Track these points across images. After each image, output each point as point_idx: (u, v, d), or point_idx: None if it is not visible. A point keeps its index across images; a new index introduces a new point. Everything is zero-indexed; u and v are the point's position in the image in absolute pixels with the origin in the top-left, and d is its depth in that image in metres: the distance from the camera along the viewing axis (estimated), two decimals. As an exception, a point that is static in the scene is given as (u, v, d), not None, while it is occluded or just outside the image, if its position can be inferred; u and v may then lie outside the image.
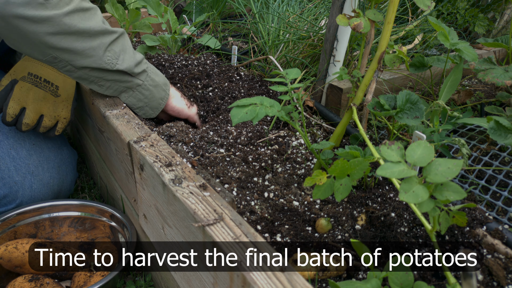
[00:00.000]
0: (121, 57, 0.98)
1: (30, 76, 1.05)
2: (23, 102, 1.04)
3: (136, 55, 1.02)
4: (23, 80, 1.05)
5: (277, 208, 0.86)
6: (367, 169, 0.71)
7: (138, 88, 1.04)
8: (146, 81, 1.05)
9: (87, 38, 0.91)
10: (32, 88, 1.05)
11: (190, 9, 2.29)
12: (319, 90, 1.34)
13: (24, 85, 1.05)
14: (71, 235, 1.10)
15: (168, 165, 0.74)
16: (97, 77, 0.98)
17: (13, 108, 1.04)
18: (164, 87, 1.10)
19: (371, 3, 1.04)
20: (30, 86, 1.05)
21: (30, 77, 1.05)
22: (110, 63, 0.96)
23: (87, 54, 0.92)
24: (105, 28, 0.94)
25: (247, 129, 1.13)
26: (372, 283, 0.61)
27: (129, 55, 1.00)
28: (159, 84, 1.08)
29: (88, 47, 0.92)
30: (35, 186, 1.10)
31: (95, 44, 0.92)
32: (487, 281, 0.70)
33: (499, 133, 0.86)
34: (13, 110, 1.04)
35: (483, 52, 1.70)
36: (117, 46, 0.97)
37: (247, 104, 0.78)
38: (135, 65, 1.01)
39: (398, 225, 0.79)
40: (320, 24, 1.65)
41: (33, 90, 1.05)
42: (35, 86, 1.05)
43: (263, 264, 0.52)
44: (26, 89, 1.04)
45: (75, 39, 0.89)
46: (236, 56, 1.56)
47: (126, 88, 1.04)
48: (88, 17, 0.90)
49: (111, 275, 0.87)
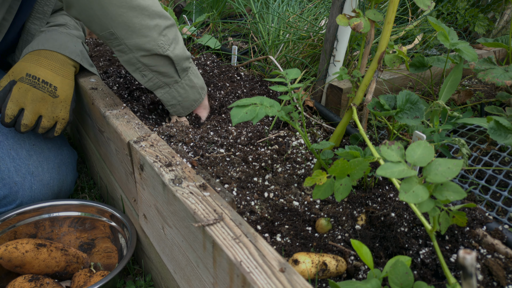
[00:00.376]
0: (172, 45, 1.01)
1: (28, 77, 1.05)
2: (21, 103, 1.04)
3: (186, 50, 1.05)
4: (22, 81, 1.05)
5: (277, 208, 0.86)
6: (367, 169, 0.71)
7: (175, 85, 1.08)
8: (184, 80, 1.08)
9: (146, 17, 0.94)
10: (31, 89, 1.05)
11: (190, 9, 2.29)
12: (319, 90, 1.34)
13: (23, 86, 1.05)
14: (71, 235, 1.10)
15: (168, 165, 0.74)
16: (144, 65, 1.01)
17: (12, 109, 1.04)
18: (201, 91, 1.14)
19: (371, 3, 1.04)
20: (28, 87, 1.05)
21: (28, 78, 1.05)
22: (162, 47, 0.99)
23: (143, 33, 0.95)
24: (162, 11, 0.98)
25: (247, 129, 1.13)
26: (372, 283, 0.61)
27: (180, 46, 1.03)
28: (196, 86, 1.12)
29: (145, 26, 0.94)
30: (35, 186, 1.10)
31: (152, 24, 0.95)
32: (487, 281, 0.70)
33: (499, 133, 0.86)
34: (12, 111, 1.04)
35: (483, 52, 1.70)
36: (171, 33, 1.00)
37: (247, 104, 0.78)
38: (183, 59, 1.04)
39: (398, 225, 0.79)
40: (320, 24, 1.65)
41: (31, 91, 1.05)
42: (33, 87, 1.05)
43: (263, 264, 0.52)
44: (24, 90, 1.04)
45: (135, 15, 0.92)
46: (236, 56, 1.56)
47: (165, 84, 1.07)
48: None
49: (111, 275, 0.87)
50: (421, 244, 0.76)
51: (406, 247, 0.76)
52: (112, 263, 1.06)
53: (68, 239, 1.09)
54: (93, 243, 1.10)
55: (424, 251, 0.75)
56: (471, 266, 0.47)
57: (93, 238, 1.11)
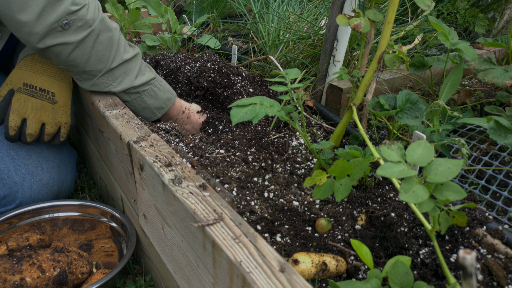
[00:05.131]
0: (118, 80, 1.06)
1: (25, 87, 1.05)
2: (22, 113, 1.05)
3: (140, 78, 1.07)
4: (19, 91, 1.05)
5: (277, 208, 0.86)
6: (367, 169, 0.71)
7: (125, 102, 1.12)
8: (135, 100, 1.10)
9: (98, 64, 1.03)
10: (29, 99, 1.05)
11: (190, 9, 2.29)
12: (319, 90, 1.34)
13: (21, 96, 1.05)
14: (71, 235, 1.10)
15: (168, 165, 0.74)
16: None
17: (15, 120, 1.04)
18: (156, 111, 1.15)
19: (371, 3, 1.04)
20: (27, 97, 1.05)
21: (26, 88, 1.05)
22: (103, 84, 1.04)
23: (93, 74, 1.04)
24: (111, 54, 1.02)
25: (247, 128, 1.13)
26: (372, 283, 0.61)
27: (128, 79, 1.06)
28: (149, 107, 1.13)
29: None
30: (34, 186, 1.10)
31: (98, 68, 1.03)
32: (487, 281, 0.70)
33: (499, 133, 0.86)
34: (15, 123, 1.04)
35: (483, 52, 1.70)
36: (119, 70, 1.05)
37: (247, 104, 0.78)
38: (132, 88, 1.07)
39: (398, 225, 0.79)
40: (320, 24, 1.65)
41: (30, 100, 1.05)
42: (32, 96, 1.05)
43: (263, 264, 0.52)
44: (23, 100, 1.05)
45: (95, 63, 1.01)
46: (236, 56, 1.55)
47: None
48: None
49: (111, 274, 0.87)
50: (421, 244, 0.76)
51: (406, 247, 0.76)
52: (114, 261, 1.06)
53: (68, 239, 1.09)
54: (93, 243, 1.10)
55: (424, 251, 0.75)
56: (471, 266, 0.47)
57: (93, 238, 1.11)
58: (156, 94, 1.11)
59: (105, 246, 1.09)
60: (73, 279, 0.91)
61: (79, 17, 0.91)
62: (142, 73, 1.07)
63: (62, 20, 0.89)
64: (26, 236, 0.97)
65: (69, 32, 0.91)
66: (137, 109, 1.11)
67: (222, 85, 1.28)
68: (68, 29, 0.90)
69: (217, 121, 1.18)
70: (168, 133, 1.05)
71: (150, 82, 1.09)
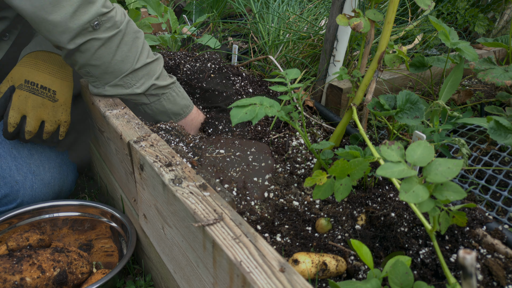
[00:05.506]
0: (141, 81, 1.07)
1: (26, 83, 1.05)
2: (22, 110, 1.04)
3: (163, 80, 1.09)
4: (20, 88, 1.05)
5: (277, 208, 0.86)
6: (367, 169, 0.71)
7: (142, 106, 1.12)
8: (154, 103, 1.11)
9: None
10: (30, 96, 1.05)
11: (190, 9, 2.29)
12: (319, 90, 1.34)
13: (22, 93, 1.05)
14: (71, 235, 1.10)
15: (168, 165, 0.74)
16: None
17: (14, 117, 1.04)
18: (172, 116, 1.16)
19: (371, 3, 1.04)
20: (28, 94, 1.05)
21: (27, 85, 1.05)
22: (127, 84, 1.06)
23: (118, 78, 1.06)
24: (141, 60, 1.05)
25: (247, 128, 1.14)
26: (372, 283, 0.61)
27: (152, 79, 1.08)
28: (167, 112, 1.14)
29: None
30: (36, 186, 1.10)
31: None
32: (487, 281, 0.70)
33: (499, 133, 0.86)
34: (14, 119, 1.04)
35: (483, 52, 1.70)
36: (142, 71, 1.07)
37: (246, 104, 0.78)
38: (155, 88, 1.08)
39: (398, 225, 0.79)
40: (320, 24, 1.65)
41: (31, 97, 1.05)
42: (33, 93, 1.05)
43: (263, 264, 0.52)
44: (24, 97, 1.04)
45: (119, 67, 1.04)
46: (236, 56, 1.56)
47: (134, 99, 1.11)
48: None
49: (111, 274, 0.87)
50: (421, 244, 0.76)
51: (406, 247, 0.76)
52: (114, 261, 1.06)
53: (68, 239, 1.09)
54: (93, 243, 1.10)
55: (424, 251, 0.75)
56: (471, 266, 0.47)
57: (93, 238, 1.11)
58: (174, 99, 1.12)
59: (105, 246, 1.09)
60: (73, 279, 0.91)
61: (109, 18, 0.95)
62: (164, 77, 1.09)
63: (93, 21, 0.92)
64: (26, 236, 0.97)
65: (98, 32, 0.95)
66: (154, 112, 1.12)
67: (222, 85, 1.28)
68: (98, 29, 0.94)
69: (217, 121, 1.18)
70: (168, 133, 1.05)
71: (170, 86, 1.10)
